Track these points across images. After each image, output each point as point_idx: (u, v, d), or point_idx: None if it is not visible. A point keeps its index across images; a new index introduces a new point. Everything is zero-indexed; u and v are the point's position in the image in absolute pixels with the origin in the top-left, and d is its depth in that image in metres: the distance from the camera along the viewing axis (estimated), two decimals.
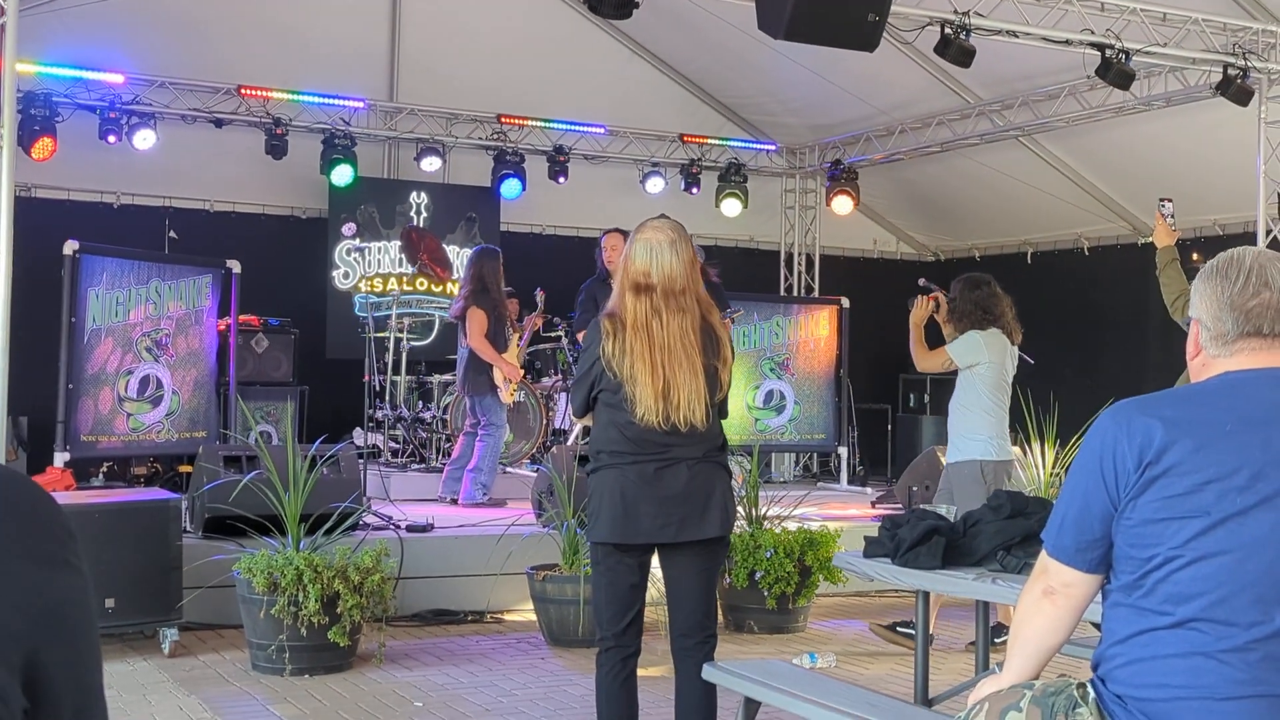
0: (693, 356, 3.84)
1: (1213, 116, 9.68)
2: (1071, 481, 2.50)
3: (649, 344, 3.82)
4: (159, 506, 6.24)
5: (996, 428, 6.38)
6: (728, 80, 12.35)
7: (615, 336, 3.86)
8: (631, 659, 3.99)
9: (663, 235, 3.92)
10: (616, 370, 3.85)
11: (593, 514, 3.95)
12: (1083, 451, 2.49)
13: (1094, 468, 2.43)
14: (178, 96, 10.77)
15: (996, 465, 6.28)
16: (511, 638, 6.77)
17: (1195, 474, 2.31)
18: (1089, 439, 2.48)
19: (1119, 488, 2.39)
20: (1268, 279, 2.38)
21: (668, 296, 3.86)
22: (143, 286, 8.49)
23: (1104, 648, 2.45)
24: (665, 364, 3.82)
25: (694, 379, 3.83)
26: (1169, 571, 2.33)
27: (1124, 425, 2.39)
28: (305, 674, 5.80)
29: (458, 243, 11.75)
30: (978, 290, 6.66)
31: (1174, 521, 2.33)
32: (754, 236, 13.28)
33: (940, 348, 6.60)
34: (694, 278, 3.92)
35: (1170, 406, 2.41)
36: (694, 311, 3.89)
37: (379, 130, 11.65)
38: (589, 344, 3.99)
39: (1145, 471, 2.35)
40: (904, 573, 3.71)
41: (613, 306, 3.93)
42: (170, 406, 8.60)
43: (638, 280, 3.88)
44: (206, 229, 11.08)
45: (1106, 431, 2.43)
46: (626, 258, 3.93)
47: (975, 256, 13.70)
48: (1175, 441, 2.33)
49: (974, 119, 11.30)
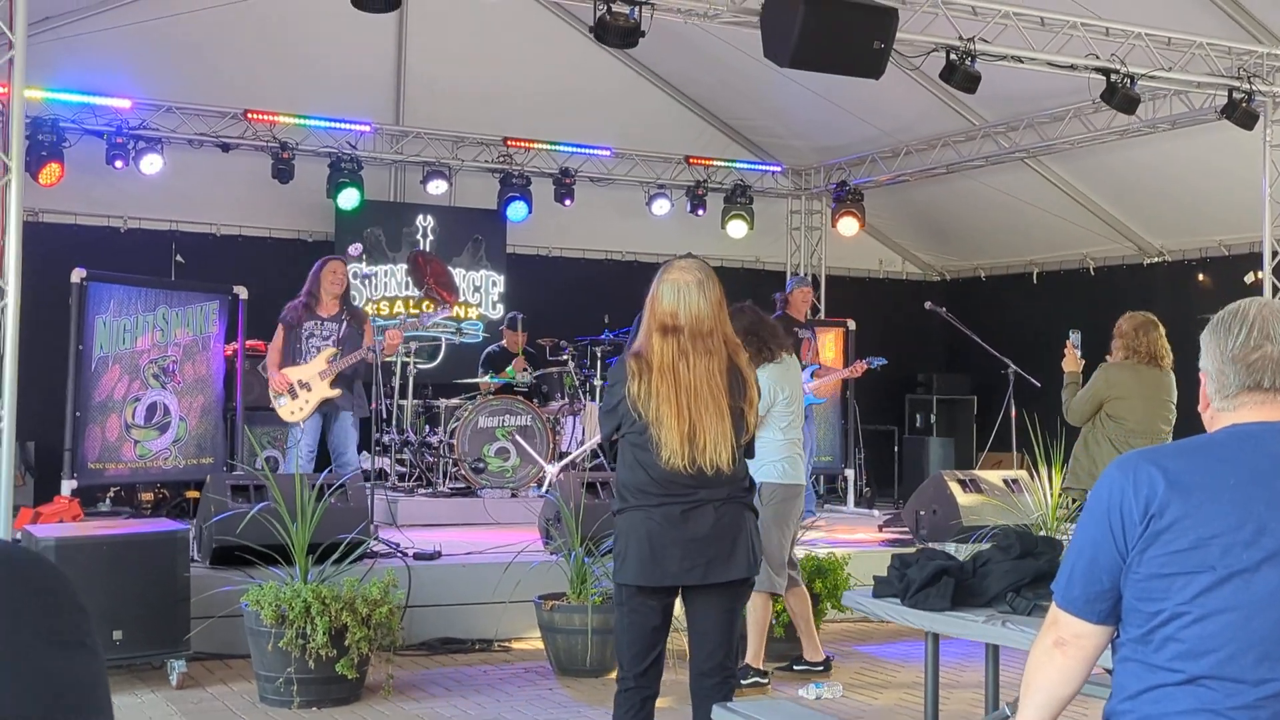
0: (719, 399, 3.83)
1: (1218, 137, 9.70)
2: (1080, 533, 2.50)
3: (675, 386, 3.80)
4: (167, 538, 6.24)
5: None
6: (733, 102, 12.37)
7: (640, 378, 3.85)
8: (650, 700, 3.99)
9: (690, 276, 3.91)
10: (642, 412, 3.84)
11: (619, 555, 3.95)
12: (1090, 503, 2.49)
13: (1101, 519, 2.43)
14: (184, 121, 10.81)
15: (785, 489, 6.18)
16: (519, 667, 6.76)
17: (1200, 528, 2.31)
18: (1096, 490, 2.48)
19: (1126, 540, 2.38)
20: (1269, 332, 2.38)
21: (695, 338, 3.84)
22: (150, 313, 8.51)
23: (1115, 703, 2.44)
24: (691, 406, 3.80)
25: (720, 421, 3.82)
26: (1177, 628, 2.32)
27: (1129, 477, 2.39)
28: (313, 706, 5.80)
29: (464, 265, 11.76)
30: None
31: (1180, 576, 2.32)
32: (760, 257, 13.29)
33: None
34: (721, 318, 3.90)
35: (1175, 459, 2.41)
36: (721, 353, 3.88)
37: (385, 154, 11.68)
38: (615, 381, 3.99)
39: (1150, 525, 2.35)
40: (913, 614, 3.70)
41: (639, 347, 3.92)
42: (177, 433, 8.61)
43: (664, 321, 3.86)
44: (213, 253, 11.10)
45: (1113, 483, 2.42)
46: (653, 298, 3.92)
47: (981, 276, 13.72)
48: (1179, 495, 2.33)
49: (979, 141, 11.31)
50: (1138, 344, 6.55)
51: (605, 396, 4.08)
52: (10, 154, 6.44)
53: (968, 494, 8.93)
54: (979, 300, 13.46)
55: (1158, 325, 6.65)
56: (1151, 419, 6.51)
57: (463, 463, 9.78)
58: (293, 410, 8.17)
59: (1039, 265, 13.01)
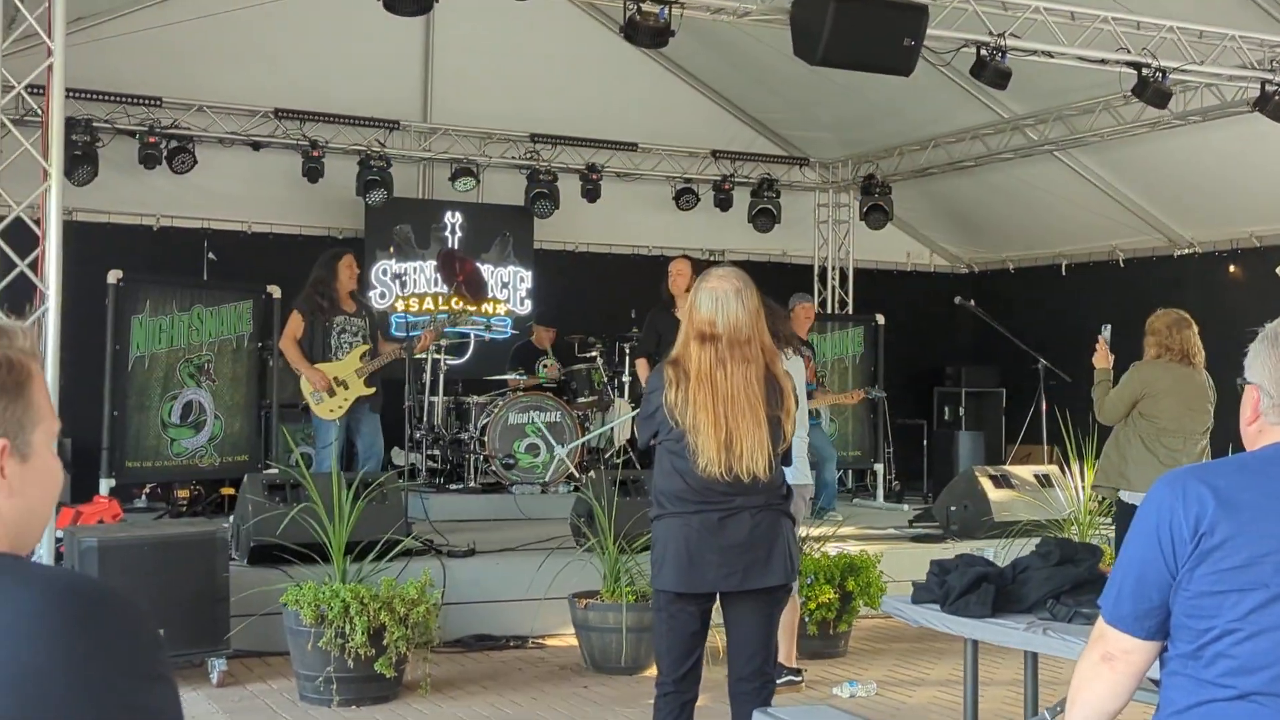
0: (756, 407, 3.86)
1: (1249, 129, 9.64)
2: (1128, 550, 2.51)
3: (712, 394, 3.83)
4: (206, 538, 6.31)
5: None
6: (760, 96, 12.37)
7: (677, 386, 3.88)
8: (689, 704, 4.04)
9: (728, 284, 3.93)
10: (679, 419, 3.87)
11: (657, 561, 3.99)
12: (1138, 520, 2.50)
13: (1151, 536, 2.43)
14: (215, 120, 10.88)
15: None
16: (554, 665, 6.81)
17: (1251, 547, 2.31)
18: (1144, 507, 2.49)
19: (1175, 558, 2.40)
20: None
21: (733, 346, 3.87)
22: (185, 313, 8.59)
23: (1163, 716, 2.45)
24: (728, 415, 3.83)
25: (757, 429, 3.85)
26: (1229, 644, 2.34)
27: (1179, 494, 2.40)
28: (353, 705, 5.86)
29: (492, 261, 11.81)
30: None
31: (1231, 594, 2.33)
32: (787, 251, 13.29)
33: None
34: (759, 327, 3.93)
35: (1224, 477, 2.41)
36: (759, 361, 3.91)
37: (413, 151, 11.73)
38: (652, 389, 4.03)
39: (1200, 543, 2.35)
40: (954, 621, 3.72)
41: (676, 354, 3.95)
42: (213, 431, 8.69)
43: (703, 329, 3.89)
44: (245, 251, 11.17)
45: (1162, 500, 2.43)
46: (692, 306, 3.95)
47: (1009, 269, 13.68)
48: (1229, 513, 2.33)
49: (1008, 134, 11.28)
50: (1171, 342, 6.49)
51: (643, 404, 4.13)
52: (50, 160, 6.51)
53: (999, 489, 8.93)
54: (1007, 292, 13.43)
55: (1191, 323, 6.61)
56: (1184, 418, 6.47)
57: (493, 459, 9.84)
58: (331, 409, 8.12)
59: (1068, 257, 12.96)
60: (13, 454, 1.51)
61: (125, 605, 1.52)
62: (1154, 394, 6.46)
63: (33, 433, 1.55)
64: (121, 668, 1.46)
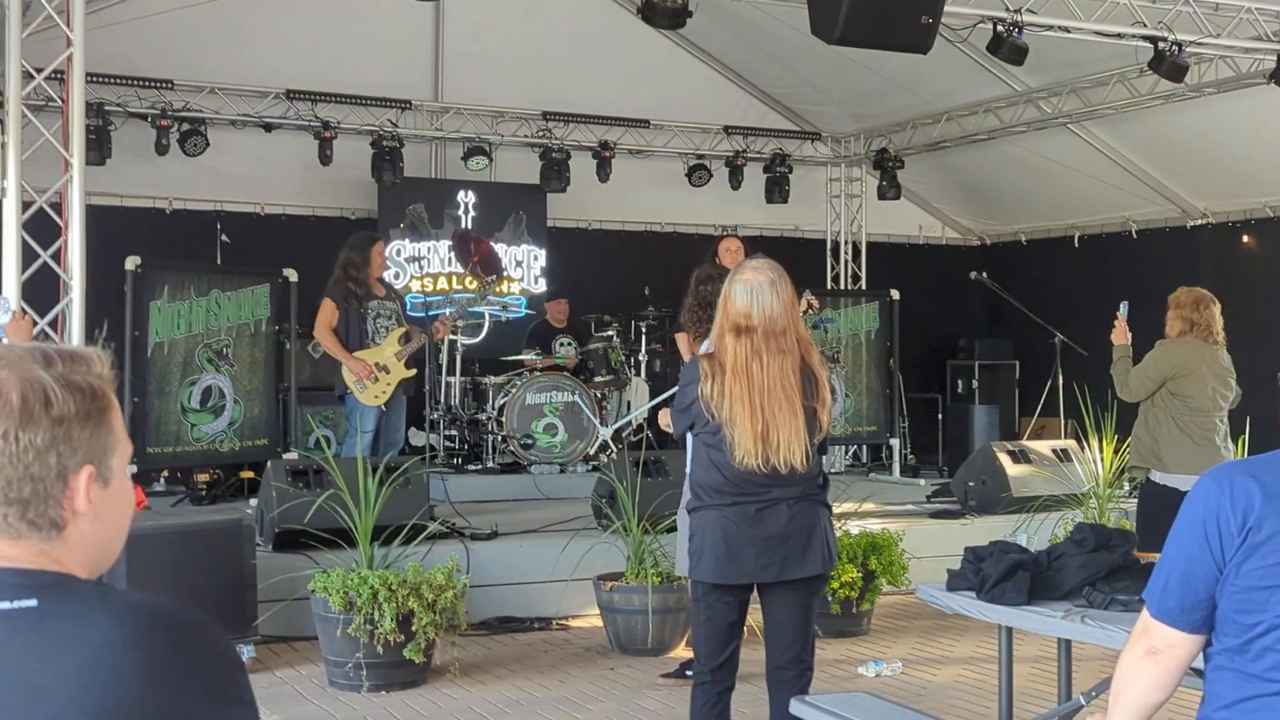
0: (793, 399, 3.87)
1: (1263, 100, 9.60)
2: (1174, 543, 2.52)
3: (749, 386, 3.84)
4: (232, 526, 6.35)
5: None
6: (771, 71, 12.33)
7: (714, 379, 3.89)
8: (726, 693, 4.08)
9: (763, 276, 3.94)
10: (715, 412, 3.89)
11: (695, 553, 4.02)
12: (1184, 513, 2.51)
13: (1198, 530, 2.45)
14: (227, 102, 10.87)
15: None
16: (580, 646, 6.86)
17: None
18: (1190, 500, 2.50)
19: (1224, 551, 2.41)
20: None
21: (769, 338, 3.88)
22: (203, 298, 8.60)
23: (1209, 710, 2.47)
24: (765, 407, 3.84)
25: (793, 420, 3.86)
26: (1276, 639, 2.35)
27: (1226, 488, 2.41)
28: (382, 690, 5.91)
29: (505, 240, 11.81)
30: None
31: (1279, 589, 2.35)
32: (800, 226, 13.27)
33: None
34: (794, 318, 3.94)
35: (1271, 471, 2.42)
36: (794, 352, 3.91)
37: (425, 130, 11.71)
38: (687, 381, 4.04)
39: (1248, 537, 2.37)
40: (990, 609, 3.75)
41: (711, 347, 3.97)
42: (233, 416, 8.72)
43: (738, 322, 3.90)
44: (258, 232, 11.18)
45: (1209, 494, 2.45)
46: (726, 298, 3.96)
47: (1022, 240, 13.67)
48: (1277, 508, 2.35)
49: (1022, 106, 11.24)
50: (1198, 318, 6.44)
51: (678, 396, 4.14)
52: (72, 150, 6.51)
53: (1017, 465, 8.95)
54: (1019, 264, 13.41)
55: (1215, 300, 6.58)
56: (1214, 396, 6.45)
57: (511, 439, 9.87)
58: (376, 394, 8.05)
59: (1080, 229, 12.93)
60: (97, 480, 1.54)
61: (208, 630, 1.54)
62: (1184, 373, 6.41)
63: (113, 457, 1.57)
64: (206, 694, 1.49)
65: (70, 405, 1.51)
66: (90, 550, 1.58)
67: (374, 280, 8.31)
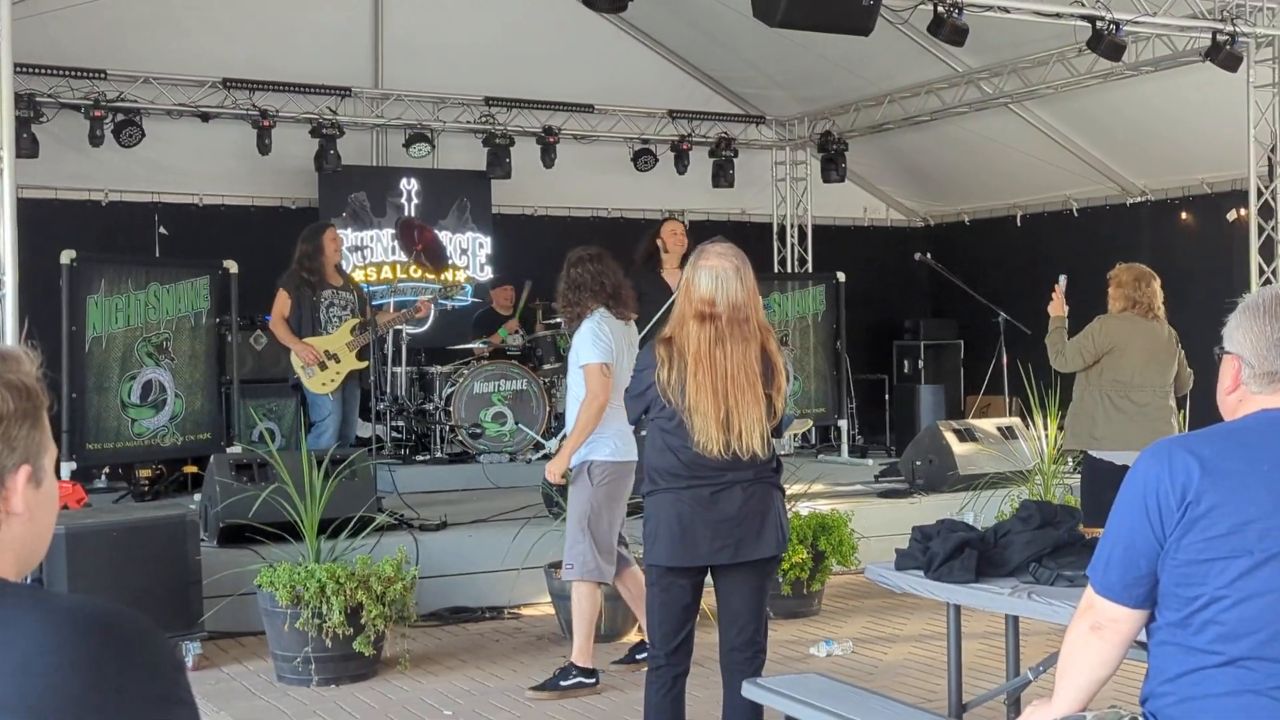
0: (755, 385, 3.87)
1: (1201, 78, 9.71)
2: (1116, 519, 2.54)
3: (712, 373, 3.83)
4: (176, 522, 6.25)
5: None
6: (715, 54, 12.31)
7: (671, 365, 3.87)
8: (681, 677, 4.08)
9: (727, 263, 3.92)
10: (673, 399, 3.88)
11: (650, 536, 4.02)
12: (1125, 490, 2.53)
13: (1138, 506, 2.47)
14: (162, 92, 10.70)
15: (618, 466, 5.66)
16: (531, 635, 6.83)
17: (1236, 514, 2.35)
18: (1130, 477, 2.52)
19: (1164, 526, 2.43)
20: None
21: (732, 325, 3.87)
22: (141, 291, 8.46)
23: (1153, 684, 2.50)
24: (728, 393, 3.84)
25: (755, 407, 3.86)
26: (1217, 611, 2.38)
27: (1165, 464, 2.43)
28: (332, 684, 5.86)
29: (450, 228, 11.73)
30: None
31: (1218, 561, 2.37)
32: (746, 210, 13.28)
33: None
34: (755, 304, 3.93)
35: (1209, 446, 2.45)
36: (756, 339, 3.91)
37: (366, 118, 11.59)
38: (642, 367, 4.02)
39: (1187, 512, 2.39)
40: (938, 587, 3.77)
41: (670, 332, 3.94)
42: (174, 410, 8.60)
43: (702, 309, 3.88)
44: (197, 223, 11.04)
45: (1149, 470, 2.47)
46: (689, 283, 3.93)
47: (965, 221, 13.75)
48: (1214, 482, 2.37)
49: (963, 87, 11.30)
50: (1138, 295, 6.52)
51: (632, 381, 4.12)
52: (0, 143, 6.38)
53: (963, 443, 9.02)
54: (963, 244, 13.50)
55: (1156, 277, 6.66)
56: (1150, 372, 6.52)
57: (460, 429, 9.81)
58: (324, 382, 8.02)
59: (1022, 208, 13.04)
60: (31, 480, 1.51)
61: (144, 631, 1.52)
62: (1119, 349, 6.51)
63: (45, 457, 1.56)
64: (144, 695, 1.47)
65: (9, 404, 1.49)
66: (20, 552, 1.55)
67: (330, 269, 8.26)
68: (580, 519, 5.60)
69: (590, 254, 5.67)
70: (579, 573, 5.64)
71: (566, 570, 5.72)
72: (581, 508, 5.61)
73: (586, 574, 5.62)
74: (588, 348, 5.50)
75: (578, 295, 5.60)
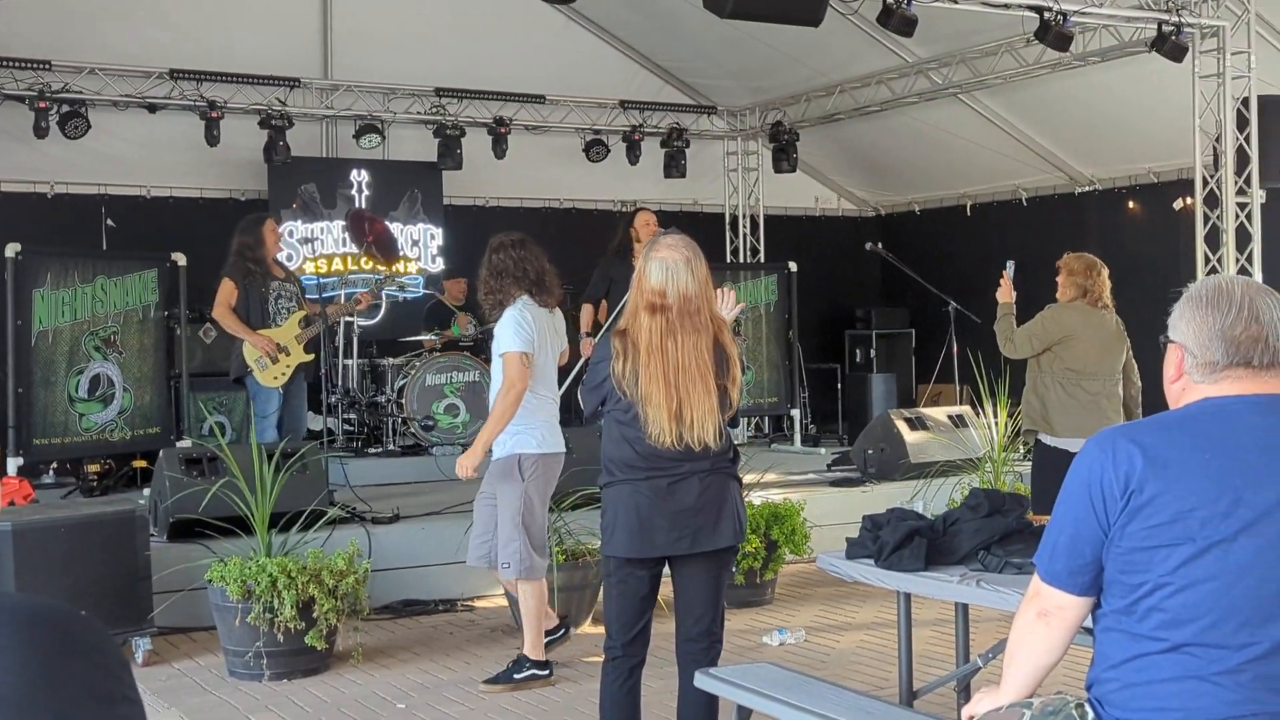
0: (706, 377, 3.87)
1: (1147, 69, 9.82)
2: (1061, 508, 2.58)
3: (663, 364, 3.84)
4: (125, 517, 6.18)
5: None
6: (667, 45, 12.32)
7: (625, 357, 3.88)
8: (637, 668, 4.09)
9: (678, 254, 3.92)
10: (627, 391, 3.88)
11: (607, 528, 4.02)
12: (1070, 478, 2.56)
13: (1083, 495, 2.50)
14: (108, 83, 10.57)
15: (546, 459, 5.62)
16: (485, 627, 6.82)
17: (1179, 502, 2.39)
18: (1076, 466, 2.55)
19: (1108, 516, 2.46)
20: (1258, 313, 2.45)
21: (683, 316, 3.87)
22: (88, 284, 8.37)
23: (1098, 670, 2.53)
24: (679, 384, 3.84)
25: (707, 398, 3.87)
26: (1160, 598, 2.41)
27: (1109, 453, 2.46)
28: (284, 679, 5.82)
29: (401, 219, 11.66)
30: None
31: (1162, 549, 2.40)
32: (698, 200, 13.31)
33: None
34: (708, 295, 3.93)
35: (1152, 435, 2.48)
36: (708, 330, 3.92)
37: (315, 109, 11.50)
38: (598, 359, 4.02)
39: (1130, 500, 2.42)
40: (889, 575, 3.80)
41: (624, 324, 3.94)
42: (122, 404, 8.51)
43: (653, 300, 3.88)
44: (144, 216, 10.92)
45: (1093, 459, 2.50)
46: (641, 275, 3.93)
47: (915, 210, 13.85)
48: (1157, 471, 2.40)
49: (913, 78, 11.36)
50: (1090, 284, 6.59)
51: (588, 374, 4.12)
52: None
53: (914, 431, 9.08)
54: (914, 234, 13.60)
55: (1105, 267, 6.74)
56: (1101, 360, 6.60)
57: (412, 421, 9.77)
58: (275, 375, 7.89)
59: (972, 198, 13.14)
60: None
61: (89, 628, 1.50)
62: (1070, 338, 6.58)
63: None
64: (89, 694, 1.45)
65: None
66: None
67: (271, 261, 8.16)
68: (514, 516, 5.53)
69: (513, 240, 5.60)
70: (516, 572, 5.60)
71: (504, 569, 5.66)
72: (515, 505, 5.53)
73: (524, 572, 5.58)
74: (508, 336, 5.43)
75: (500, 282, 5.51)
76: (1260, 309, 2.46)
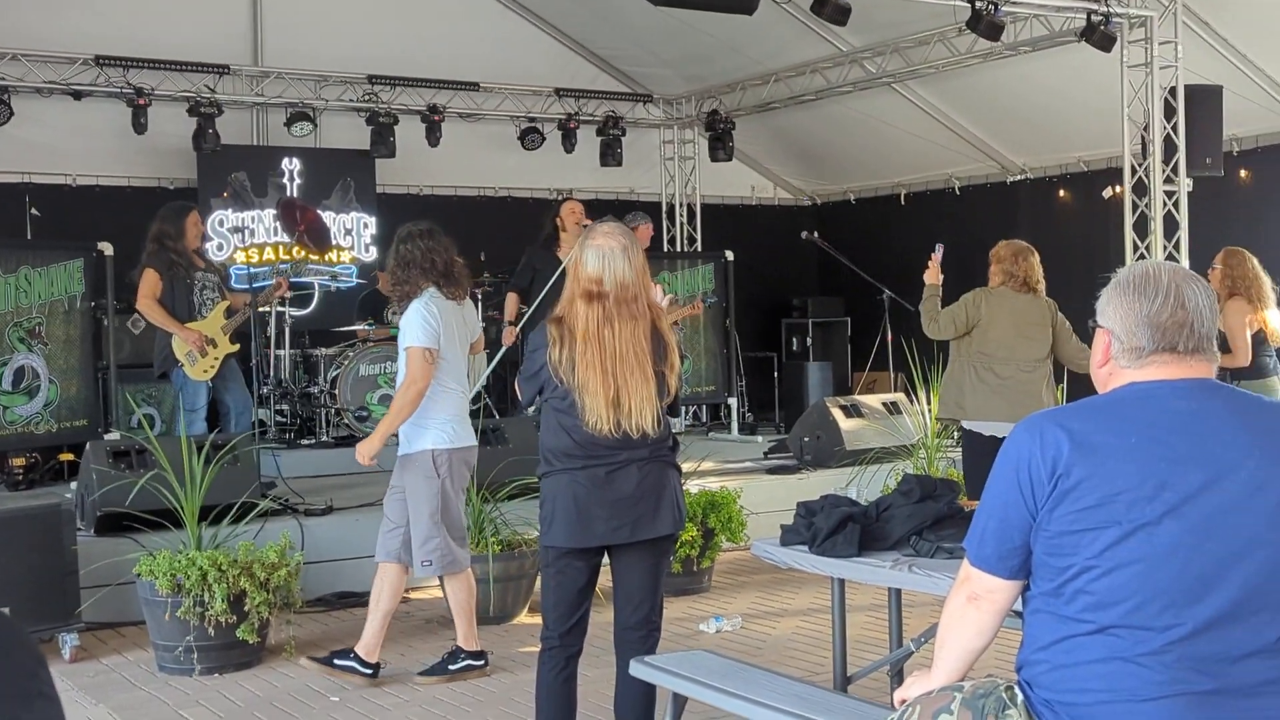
0: (644, 364, 3.86)
1: (1077, 59, 9.93)
2: (990, 493, 2.59)
3: (600, 352, 3.82)
4: (51, 511, 6.07)
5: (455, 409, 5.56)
6: (602, 33, 12.28)
7: (562, 344, 3.85)
8: (574, 658, 4.07)
9: (615, 242, 3.90)
10: (564, 378, 3.86)
11: (546, 518, 3.98)
12: (998, 464, 2.58)
13: (1011, 480, 2.52)
14: (31, 69, 10.35)
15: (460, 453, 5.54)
16: (420, 619, 6.78)
17: (1105, 486, 2.41)
18: (1005, 451, 2.57)
19: (1035, 500, 2.48)
20: (1183, 299, 2.48)
21: (620, 304, 3.85)
22: (11, 275, 8.19)
23: (1027, 652, 2.55)
24: (616, 372, 3.82)
25: (645, 386, 3.85)
26: (1087, 581, 2.43)
27: (1036, 438, 2.48)
28: (215, 673, 5.74)
29: (334, 208, 11.54)
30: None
31: (1088, 532, 2.42)
32: (634, 189, 13.29)
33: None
34: (644, 283, 3.92)
35: (1079, 420, 2.50)
36: (645, 318, 3.90)
37: (245, 96, 11.34)
38: (534, 347, 3.98)
39: (1058, 484, 2.44)
40: (822, 561, 3.81)
41: (560, 312, 3.92)
42: (48, 396, 8.34)
43: (589, 288, 3.86)
44: (70, 204, 10.72)
45: (1021, 444, 2.52)
46: (577, 263, 3.91)
47: (851, 199, 13.92)
48: (1084, 455, 2.42)
49: (847, 67, 11.42)
50: (1015, 269, 6.70)
51: (525, 362, 4.08)
52: None
53: (850, 419, 9.13)
54: (849, 222, 13.68)
55: (1034, 252, 6.82)
56: (1016, 346, 6.69)
57: (345, 412, 9.67)
58: (205, 369, 7.74)
59: (906, 187, 13.24)
60: None
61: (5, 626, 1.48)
62: (987, 323, 6.68)
63: None
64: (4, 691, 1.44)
65: None
66: None
67: (192, 252, 8.01)
68: (433, 513, 5.43)
69: (420, 230, 5.50)
70: (438, 568, 5.52)
71: (424, 567, 5.53)
72: (432, 502, 5.43)
73: (447, 567, 5.52)
74: (413, 330, 5.33)
75: (407, 273, 5.41)
76: (1186, 295, 2.49)
